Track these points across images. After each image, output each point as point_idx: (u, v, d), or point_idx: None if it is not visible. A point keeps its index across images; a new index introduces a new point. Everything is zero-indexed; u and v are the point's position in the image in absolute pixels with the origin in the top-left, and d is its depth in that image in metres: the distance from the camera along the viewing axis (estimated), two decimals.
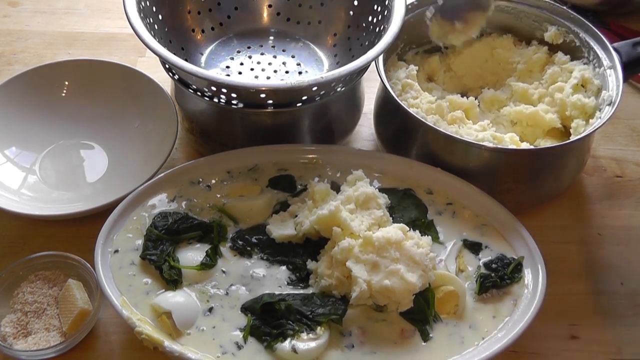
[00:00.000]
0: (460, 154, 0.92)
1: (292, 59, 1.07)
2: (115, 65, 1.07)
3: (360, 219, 0.84)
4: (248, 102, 0.92)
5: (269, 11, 1.11)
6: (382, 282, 0.77)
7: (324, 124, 0.99)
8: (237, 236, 0.87)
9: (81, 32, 1.26)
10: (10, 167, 1.00)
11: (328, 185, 0.89)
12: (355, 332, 0.79)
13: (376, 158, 0.96)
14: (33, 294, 0.84)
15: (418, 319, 0.80)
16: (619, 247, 0.96)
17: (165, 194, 0.90)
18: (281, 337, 0.77)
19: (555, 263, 0.89)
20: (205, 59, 1.07)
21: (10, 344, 0.80)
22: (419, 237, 0.82)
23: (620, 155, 1.08)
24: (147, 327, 0.77)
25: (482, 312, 0.81)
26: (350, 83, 0.95)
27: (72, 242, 0.91)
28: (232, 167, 0.93)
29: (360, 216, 0.85)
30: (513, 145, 0.92)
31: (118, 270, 0.82)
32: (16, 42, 1.24)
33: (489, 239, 0.88)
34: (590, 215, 1.00)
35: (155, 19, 0.99)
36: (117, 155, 1.03)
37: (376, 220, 0.84)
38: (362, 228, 0.82)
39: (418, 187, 0.92)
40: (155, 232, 0.85)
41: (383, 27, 0.97)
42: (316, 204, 0.87)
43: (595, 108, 0.96)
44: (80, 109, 1.06)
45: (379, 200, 0.86)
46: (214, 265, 0.84)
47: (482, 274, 0.84)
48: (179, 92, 0.99)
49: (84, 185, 1.00)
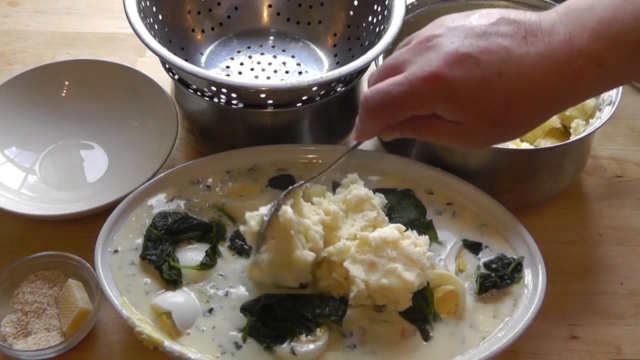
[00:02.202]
0: (460, 154, 0.92)
1: (292, 59, 1.07)
2: (115, 65, 1.07)
3: (351, 223, 0.84)
4: (248, 102, 0.92)
5: (269, 11, 1.11)
6: (379, 281, 0.77)
7: (324, 124, 0.99)
8: (236, 235, 0.87)
9: (81, 32, 1.26)
10: (10, 167, 1.00)
11: (324, 186, 0.89)
12: (355, 332, 0.79)
13: (376, 158, 0.96)
14: (33, 294, 0.84)
15: (418, 318, 0.80)
16: (619, 247, 0.96)
17: (165, 193, 0.90)
18: (280, 338, 0.77)
19: (555, 263, 0.89)
20: (205, 59, 1.07)
21: (10, 344, 0.80)
22: (416, 236, 0.82)
23: (620, 155, 1.08)
24: (147, 327, 0.77)
25: (482, 312, 0.81)
26: (350, 83, 0.95)
27: (72, 242, 0.91)
28: (232, 167, 0.93)
29: (352, 220, 0.84)
30: (513, 145, 0.93)
31: (118, 270, 0.83)
32: (16, 42, 1.24)
33: (489, 239, 0.88)
34: (590, 215, 1.00)
35: (155, 19, 0.99)
36: (117, 155, 1.03)
37: (370, 222, 0.84)
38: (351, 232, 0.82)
39: (419, 187, 0.92)
40: (155, 232, 0.85)
41: (383, 27, 0.97)
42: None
43: (595, 108, 0.96)
44: (80, 109, 1.06)
45: (373, 201, 0.86)
46: (214, 265, 0.84)
47: (482, 274, 0.84)
48: (179, 92, 0.99)
49: (84, 185, 1.00)
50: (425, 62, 0.64)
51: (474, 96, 0.63)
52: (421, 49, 0.66)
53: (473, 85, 0.62)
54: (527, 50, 0.62)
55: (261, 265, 0.79)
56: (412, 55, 0.66)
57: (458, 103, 0.64)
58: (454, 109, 0.64)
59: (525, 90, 0.62)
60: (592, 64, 0.61)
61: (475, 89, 0.62)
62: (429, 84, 0.63)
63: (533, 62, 0.62)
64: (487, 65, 0.62)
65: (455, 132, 0.66)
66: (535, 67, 0.62)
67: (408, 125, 0.69)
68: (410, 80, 0.64)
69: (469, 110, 0.64)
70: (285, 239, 0.77)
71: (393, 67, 0.68)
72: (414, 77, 0.64)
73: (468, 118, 0.65)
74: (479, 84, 0.62)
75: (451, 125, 0.66)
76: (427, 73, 0.63)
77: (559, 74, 0.61)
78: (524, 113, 0.64)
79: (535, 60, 0.62)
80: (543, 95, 0.63)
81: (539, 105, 0.64)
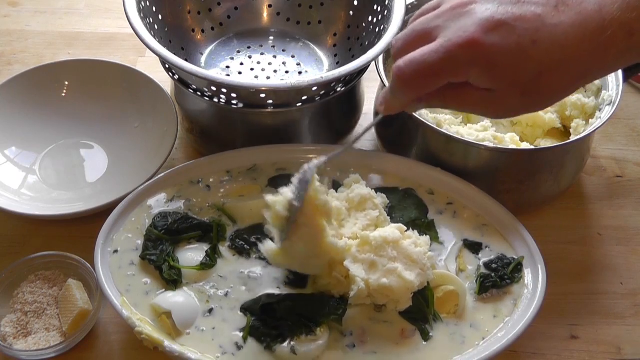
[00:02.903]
0: (460, 154, 0.92)
1: (292, 59, 1.07)
2: (115, 65, 1.07)
3: (354, 221, 0.84)
4: (248, 102, 0.92)
5: (269, 11, 1.11)
6: (380, 280, 0.77)
7: (324, 124, 0.99)
8: (236, 235, 0.87)
9: (81, 32, 1.26)
10: (10, 167, 1.00)
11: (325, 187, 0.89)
12: (355, 332, 0.79)
13: (376, 158, 0.96)
14: (33, 294, 0.84)
15: (418, 318, 0.80)
16: (619, 247, 0.96)
17: (164, 193, 0.90)
18: (280, 338, 0.77)
19: (555, 263, 0.89)
20: (205, 59, 1.07)
21: (10, 344, 0.80)
22: (417, 236, 0.82)
23: (620, 155, 1.08)
24: (147, 327, 0.77)
25: (483, 312, 0.81)
26: (350, 83, 0.95)
27: (72, 242, 0.91)
28: (232, 167, 0.93)
29: (354, 218, 0.84)
30: (513, 145, 0.92)
31: (118, 270, 0.83)
32: (16, 42, 1.24)
33: (489, 239, 0.88)
34: (590, 215, 1.00)
35: (155, 19, 0.99)
36: (117, 155, 1.03)
37: (372, 221, 0.84)
38: (354, 230, 0.82)
39: (420, 187, 0.92)
40: (155, 232, 0.85)
41: (383, 27, 0.97)
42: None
43: (595, 108, 0.96)
44: (80, 109, 1.06)
45: (375, 200, 0.86)
46: (214, 265, 0.84)
47: (482, 274, 0.84)
48: (179, 92, 0.99)
49: (84, 185, 1.00)
50: (461, 28, 0.64)
51: (509, 63, 0.63)
52: (454, 14, 0.65)
53: (508, 52, 0.62)
54: (559, 20, 0.62)
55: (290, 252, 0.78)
56: (444, 21, 0.66)
57: (493, 69, 0.63)
58: (488, 76, 0.64)
59: (557, 59, 0.62)
60: (622, 33, 0.61)
61: (510, 56, 0.62)
62: (465, 50, 0.63)
63: (565, 31, 0.62)
64: (522, 33, 0.62)
65: (485, 100, 0.66)
66: (567, 37, 0.62)
67: (436, 94, 0.68)
68: (446, 48, 0.64)
69: (503, 77, 0.64)
70: (316, 226, 0.77)
71: (423, 33, 0.67)
72: (449, 43, 0.64)
73: (501, 85, 0.64)
74: (514, 51, 0.62)
75: (482, 93, 0.66)
76: (464, 39, 0.63)
77: (590, 44, 0.62)
78: (555, 82, 0.64)
79: (567, 30, 0.62)
80: (574, 65, 0.63)
81: (570, 75, 0.64)
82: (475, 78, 0.64)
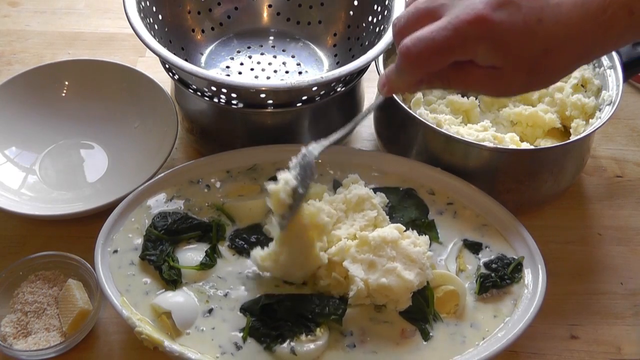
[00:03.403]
0: (460, 154, 0.92)
1: (292, 59, 1.07)
2: (115, 65, 1.07)
3: (351, 222, 0.84)
4: (248, 102, 0.92)
5: (269, 11, 1.12)
6: (379, 280, 0.77)
7: (324, 124, 0.99)
8: (236, 235, 0.87)
9: (81, 32, 1.26)
10: (10, 167, 1.00)
11: (325, 186, 0.89)
12: (355, 332, 0.79)
13: (376, 158, 0.96)
14: (33, 294, 0.84)
15: (418, 318, 0.80)
16: (619, 247, 0.96)
17: (164, 193, 0.90)
18: (280, 338, 0.77)
19: (555, 263, 0.89)
20: (205, 59, 1.07)
21: (10, 344, 0.80)
22: (415, 236, 0.82)
23: (620, 155, 1.08)
24: (147, 327, 0.77)
25: (483, 312, 0.81)
26: (350, 83, 0.95)
27: (72, 242, 0.91)
28: (232, 167, 0.93)
29: (352, 219, 0.84)
30: (513, 145, 0.92)
31: (118, 270, 0.83)
32: (16, 42, 1.24)
33: (489, 239, 0.88)
34: (590, 215, 1.00)
35: (155, 19, 0.99)
36: (117, 155, 1.03)
37: (370, 221, 0.84)
38: (351, 232, 0.82)
39: (420, 187, 0.92)
40: (154, 232, 0.85)
41: (383, 27, 0.97)
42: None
43: (595, 108, 0.96)
44: (80, 109, 1.06)
45: (373, 200, 0.86)
46: (214, 265, 0.84)
47: (482, 274, 0.84)
48: (179, 92, 0.99)
49: (84, 185, 1.00)
50: (469, 6, 0.64)
51: (517, 40, 0.64)
52: None
53: (516, 29, 0.63)
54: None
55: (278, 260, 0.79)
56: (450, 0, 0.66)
57: (500, 46, 0.64)
58: (495, 53, 0.64)
59: (562, 37, 0.64)
60: (623, 12, 0.62)
61: (517, 33, 0.63)
62: (473, 26, 0.63)
63: (568, 10, 0.63)
64: (528, 11, 0.63)
65: (490, 78, 0.67)
66: (570, 16, 0.63)
67: (439, 75, 0.69)
68: (454, 25, 0.64)
69: (509, 53, 0.64)
70: (307, 239, 0.78)
71: (427, 12, 0.67)
72: (457, 20, 0.64)
73: (506, 63, 0.65)
74: (521, 28, 0.63)
75: (487, 71, 0.66)
76: (472, 16, 0.63)
77: (592, 23, 0.63)
78: (559, 61, 0.65)
79: (570, 9, 0.63)
80: (577, 44, 0.64)
81: (573, 54, 0.65)
82: (483, 55, 0.65)
